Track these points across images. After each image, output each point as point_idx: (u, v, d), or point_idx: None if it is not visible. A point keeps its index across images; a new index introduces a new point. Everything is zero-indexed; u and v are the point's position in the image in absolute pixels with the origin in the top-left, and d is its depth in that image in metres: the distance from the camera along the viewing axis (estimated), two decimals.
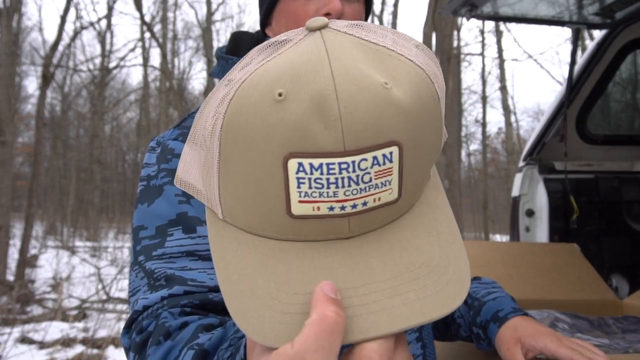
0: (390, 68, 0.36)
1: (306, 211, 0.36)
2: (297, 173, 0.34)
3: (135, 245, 0.71)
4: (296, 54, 0.37)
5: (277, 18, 0.86)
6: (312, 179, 0.34)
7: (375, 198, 0.36)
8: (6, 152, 7.36)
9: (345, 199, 0.35)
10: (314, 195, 0.35)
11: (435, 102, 0.39)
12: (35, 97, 16.76)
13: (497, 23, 14.51)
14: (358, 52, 0.36)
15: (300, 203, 0.35)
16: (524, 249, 1.76)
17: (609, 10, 2.03)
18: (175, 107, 13.84)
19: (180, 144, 0.76)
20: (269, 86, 0.35)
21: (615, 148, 2.42)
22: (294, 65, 0.36)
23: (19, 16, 9.67)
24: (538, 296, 1.52)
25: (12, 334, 5.01)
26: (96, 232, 19.64)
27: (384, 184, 0.36)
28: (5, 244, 7.62)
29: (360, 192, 0.35)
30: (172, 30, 18.29)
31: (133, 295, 0.68)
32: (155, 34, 13.53)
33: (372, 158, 0.34)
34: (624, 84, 2.56)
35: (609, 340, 1.17)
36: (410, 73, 0.37)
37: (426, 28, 8.17)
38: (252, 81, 0.36)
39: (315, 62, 0.35)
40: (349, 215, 0.36)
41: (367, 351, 0.33)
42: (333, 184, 0.34)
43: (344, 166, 0.34)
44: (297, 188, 0.35)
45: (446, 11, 1.96)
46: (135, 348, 0.62)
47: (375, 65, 0.36)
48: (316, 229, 0.37)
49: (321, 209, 0.35)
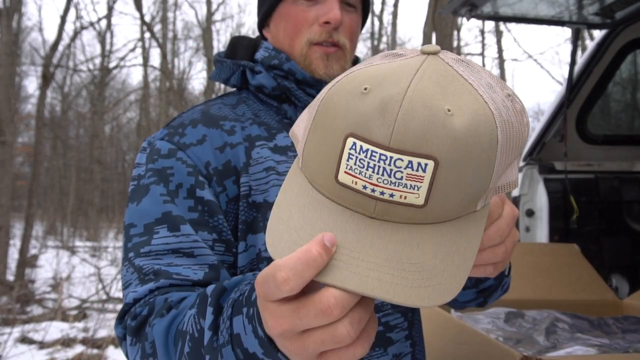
0: (462, 100, 0.44)
1: (347, 181, 0.44)
2: (350, 149, 0.43)
3: (126, 242, 0.74)
4: (398, 66, 0.46)
5: (276, 21, 0.88)
6: (358, 158, 0.43)
7: (402, 195, 0.43)
8: (6, 152, 7.36)
9: (376, 184, 0.43)
10: (355, 172, 0.43)
11: (491, 144, 0.44)
12: (35, 97, 16.76)
13: (497, 23, 14.52)
14: (445, 80, 0.45)
15: (345, 173, 0.44)
16: (524, 249, 1.76)
17: (609, 10, 2.03)
18: (175, 107, 13.84)
19: (166, 143, 0.78)
20: (363, 81, 0.45)
21: (615, 148, 2.42)
22: (388, 72, 0.45)
23: (19, 16, 9.67)
24: (538, 296, 1.52)
25: (12, 334, 5.01)
26: (96, 232, 19.64)
27: (413, 187, 0.43)
28: (5, 244, 7.62)
29: (390, 184, 0.43)
30: (172, 30, 18.30)
31: (125, 289, 0.71)
32: (155, 34, 13.54)
33: (407, 161, 0.42)
34: (624, 84, 2.56)
35: (609, 340, 1.17)
36: (478, 111, 0.44)
37: (426, 28, 8.16)
38: (357, 74, 0.47)
39: (403, 75, 0.44)
40: (376, 199, 0.44)
41: (329, 293, 0.41)
42: (370, 168, 0.43)
43: (383, 157, 0.42)
44: (346, 160, 0.44)
45: (446, 11, 1.96)
46: (132, 331, 0.65)
47: (451, 94, 0.44)
48: (350, 199, 0.45)
49: (357, 185, 0.44)
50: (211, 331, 0.54)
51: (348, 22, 0.85)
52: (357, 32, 0.89)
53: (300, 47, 0.85)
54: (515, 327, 1.29)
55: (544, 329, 1.24)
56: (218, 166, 0.77)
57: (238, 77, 0.88)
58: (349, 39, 0.86)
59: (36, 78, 19.26)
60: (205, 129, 0.80)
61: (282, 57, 0.85)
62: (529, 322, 1.31)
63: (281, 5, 0.86)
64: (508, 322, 1.32)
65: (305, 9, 0.83)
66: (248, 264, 0.76)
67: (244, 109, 0.86)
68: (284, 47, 0.87)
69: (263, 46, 0.88)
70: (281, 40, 0.87)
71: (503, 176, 0.49)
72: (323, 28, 0.83)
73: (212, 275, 0.70)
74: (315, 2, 0.84)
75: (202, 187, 0.75)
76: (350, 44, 0.87)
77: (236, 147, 0.79)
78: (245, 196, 0.77)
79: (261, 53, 0.87)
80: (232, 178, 0.77)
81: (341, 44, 0.85)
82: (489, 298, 0.84)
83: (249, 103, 0.87)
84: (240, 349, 0.50)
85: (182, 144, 0.78)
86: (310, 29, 0.84)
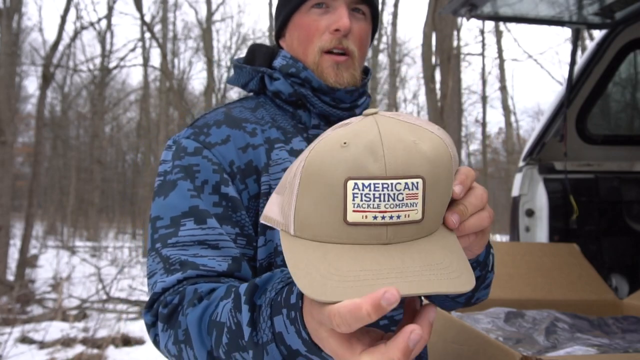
0: (418, 134, 0.54)
1: (357, 219, 0.50)
2: (353, 190, 0.50)
3: (153, 233, 0.79)
4: (358, 126, 0.54)
5: (290, 31, 0.93)
6: (363, 194, 0.49)
7: (405, 214, 0.50)
8: (6, 152, 7.36)
9: (385, 211, 0.50)
10: (363, 206, 0.50)
11: (448, 159, 0.54)
12: (35, 97, 16.77)
13: (497, 23, 14.51)
14: (397, 124, 0.54)
15: (353, 212, 0.50)
16: (524, 249, 1.76)
17: (609, 10, 2.03)
18: (175, 107, 13.84)
19: (192, 142, 0.84)
20: (337, 140, 0.53)
21: (615, 148, 2.42)
22: (354, 129, 0.54)
23: (19, 16, 9.67)
24: (538, 296, 1.53)
25: (12, 334, 5.01)
26: (96, 232, 19.65)
27: (412, 204, 0.50)
28: (5, 244, 7.62)
29: (395, 207, 0.50)
30: (172, 30, 18.29)
31: (150, 278, 0.76)
32: (155, 34, 13.52)
33: (404, 183, 0.50)
34: (624, 84, 2.56)
35: (609, 340, 1.17)
36: (432, 139, 0.54)
37: (426, 28, 8.16)
38: (326, 139, 0.54)
39: (369, 126, 0.53)
40: (387, 225, 0.50)
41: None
42: (377, 198, 0.49)
43: (385, 186, 0.49)
44: (352, 200, 0.50)
45: (446, 11, 1.96)
46: (164, 318, 0.69)
47: (409, 131, 0.53)
48: (363, 235, 0.51)
49: (368, 217, 0.50)
50: (250, 327, 0.59)
51: (357, 30, 0.90)
52: (366, 40, 0.93)
53: (313, 56, 0.89)
54: (515, 327, 1.29)
55: (544, 328, 1.24)
56: (241, 165, 0.82)
57: (256, 82, 0.94)
58: (357, 47, 0.90)
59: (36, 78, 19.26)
60: (229, 130, 0.85)
61: (299, 66, 0.90)
62: (529, 322, 1.31)
63: (295, 16, 0.91)
64: (508, 322, 1.32)
65: (317, 18, 0.89)
66: (266, 257, 0.81)
67: (262, 112, 0.91)
68: (299, 55, 0.92)
69: (281, 55, 0.93)
70: (295, 48, 0.92)
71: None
72: (333, 36, 0.88)
73: (234, 267, 0.75)
74: (326, 12, 0.89)
75: (226, 184, 0.80)
76: (359, 52, 0.91)
77: (258, 148, 0.84)
78: (265, 194, 0.82)
79: (279, 61, 0.92)
80: (253, 177, 0.83)
81: (350, 50, 0.89)
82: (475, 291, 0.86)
83: (266, 107, 0.93)
84: (284, 346, 0.57)
85: (207, 142, 0.83)
86: (322, 37, 0.89)
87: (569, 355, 1.02)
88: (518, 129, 20.20)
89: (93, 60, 19.15)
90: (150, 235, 0.79)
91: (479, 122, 18.91)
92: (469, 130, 20.62)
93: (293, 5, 0.91)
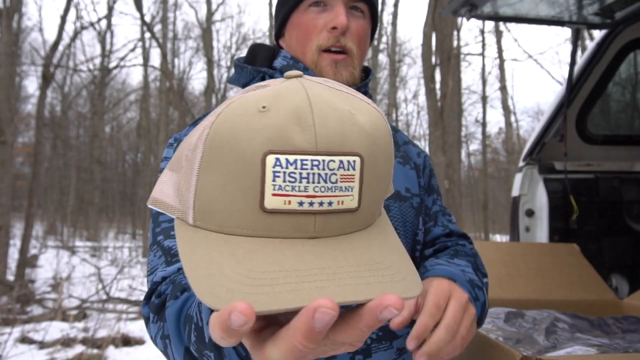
0: (354, 104, 0.44)
1: (278, 205, 0.39)
2: (273, 167, 0.39)
3: (155, 228, 0.78)
4: (279, 87, 0.43)
5: (289, 30, 0.93)
6: (286, 173, 0.39)
7: (339, 200, 0.41)
8: (6, 152, 7.36)
9: (314, 195, 0.39)
10: (287, 189, 0.39)
11: (388, 136, 0.45)
12: (35, 97, 16.76)
13: (497, 23, 14.51)
14: (328, 90, 0.44)
15: (273, 196, 0.39)
16: (524, 249, 1.76)
17: (609, 10, 2.03)
18: (175, 107, 13.83)
19: None
20: (254, 102, 0.41)
21: (615, 148, 2.42)
22: (275, 90, 0.43)
23: (19, 16, 9.67)
24: (538, 296, 1.52)
25: (12, 334, 5.01)
26: (96, 232, 19.64)
27: (347, 188, 0.41)
28: (5, 244, 7.62)
29: (327, 190, 0.40)
30: (172, 30, 18.28)
31: (151, 274, 0.74)
32: (155, 34, 13.52)
33: (339, 161, 0.40)
34: (624, 84, 2.56)
35: (609, 340, 1.17)
36: (369, 110, 0.44)
37: (426, 28, 8.16)
38: (239, 101, 0.42)
39: (294, 88, 0.43)
40: (315, 213, 0.40)
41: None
42: (305, 179, 0.39)
43: (316, 163, 0.39)
44: (272, 181, 0.39)
45: (446, 11, 1.96)
46: (155, 309, 0.67)
47: (342, 100, 0.43)
48: (285, 225, 0.40)
49: (292, 203, 0.39)
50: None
51: (355, 28, 0.89)
52: (365, 38, 0.92)
53: (311, 54, 0.89)
54: (515, 327, 1.29)
55: (544, 329, 1.24)
56: None
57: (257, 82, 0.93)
58: (356, 44, 0.89)
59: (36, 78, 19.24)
60: None
61: (300, 67, 0.89)
62: (529, 322, 1.31)
63: (293, 15, 0.91)
64: (508, 322, 1.32)
65: (315, 16, 0.88)
66: None
67: None
68: (297, 54, 0.91)
69: (281, 55, 0.92)
70: (294, 47, 0.92)
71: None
72: (330, 34, 0.87)
73: None
74: (324, 10, 0.88)
75: None
76: (358, 50, 0.90)
77: None
78: None
79: (280, 61, 0.92)
80: None
81: (348, 48, 0.88)
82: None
83: None
84: (241, 347, 0.52)
85: None
86: (319, 36, 0.88)
87: (569, 355, 1.02)
88: (518, 129, 20.20)
89: (93, 60, 19.16)
90: (151, 230, 0.79)
91: (479, 122, 18.90)
92: (469, 130, 20.62)
93: (291, 4, 0.90)
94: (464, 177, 19.50)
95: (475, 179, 21.48)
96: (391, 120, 16.82)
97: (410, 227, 0.93)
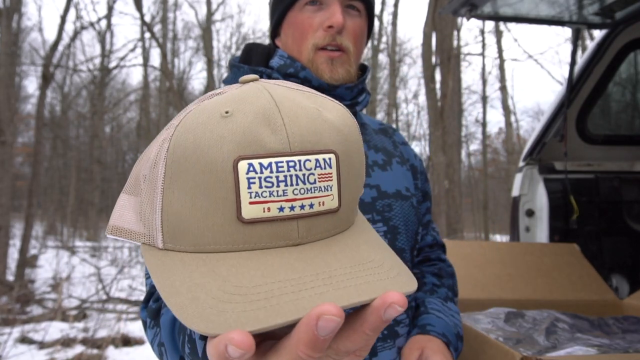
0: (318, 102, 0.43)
1: (257, 214, 0.37)
2: (247, 173, 0.36)
3: None
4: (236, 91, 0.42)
5: (285, 29, 0.92)
6: (262, 178, 0.37)
7: (320, 202, 0.39)
8: (6, 152, 7.36)
9: (294, 198, 0.37)
10: (264, 195, 0.37)
11: (357, 132, 0.44)
12: (35, 97, 16.76)
13: (497, 23, 14.51)
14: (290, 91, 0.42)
15: (250, 205, 0.37)
16: (524, 249, 1.76)
17: (609, 10, 2.02)
18: (175, 107, 13.84)
19: None
20: (214, 108, 0.39)
21: (615, 148, 2.42)
22: (234, 95, 0.41)
23: (19, 16, 9.66)
24: (538, 296, 1.52)
25: (12, 334, 5.01)
26: (96, 232, 19.64)
27: (327, 188, 0.39)
28: (5, 244, 7.62)
29: (307, 192, 0.38)
30: (172, 30, 18.29)
31: (149, 277, 0.73)
32: (155, 34, 13.52)
33: (314, 160, 0.38)
34: (624, 84, 2.56)
35: (609, 340, 1.17)
36: (335, 107, 0.44)
37: (426, 28, 8.16)
38: (197, 109, 0.40)
39: (255, 90, 0.41)
40: (298, 218, 0.38)
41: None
42: (282, 182, 0.37)
43: (292, 164, 0.37)
44: (247, 189, 0.36)
45: (446, 11, 1.96)
46: (151, 313, 0.67)
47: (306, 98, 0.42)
48: (266, 235, 0.38)
49: (271, 210, 0.37)
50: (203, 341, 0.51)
51: (351, 26, 0.89)
52: (361, 36, 0.92)
53: (307, 53, 0.88)
54: (515, 327, 1.29)
55: (544, 329, 1.24)
56: None
57: None
58: (352, 43, 0.89)
59: (36, 78, 19.23)
60: None
61: (297, 66, 0.88)
62: (529, 322, 1.31)
63: (289, 14, 0.90)
64: (508, 322, 1.32)
65: (311, 15, 0.88)
66: None
67: None
68: (294, 53, 0.91)
69: (278, 54, 0.92)
70: (290, 46, 0.91)
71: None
72: (327, 32, 0.87)
73: None
74: (320, 9, 0.88)
75: None
76: (355, 48, 0.90)
77: None
78: None
79: (276, 61, 0.91)
80: None
81: (345, 47, 0.88)
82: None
83: None
84: None
85: None
86: (315, 34, 0.88)
87: (569, 356, 1.02)
88: (518, 129, 20.20)
89: (93, 60, 19.14)
90: None
91: (479, 122, 18.90)
92: (469, 130, 20.62)
93: (287, 3, 0.90)
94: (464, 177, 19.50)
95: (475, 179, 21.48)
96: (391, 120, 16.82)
97: (412, 226, 0.93)
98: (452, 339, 0.90)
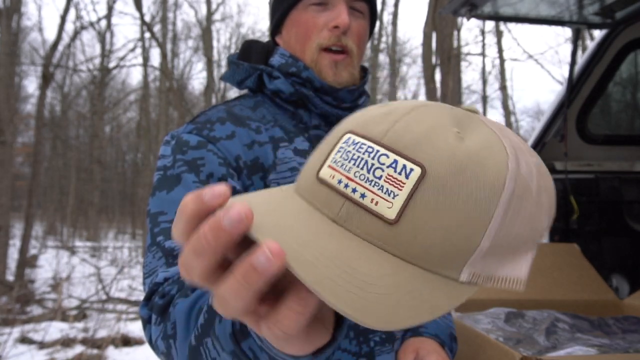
0: (475, 132, 0.41)
1: (326, 176, 0.41)
2: (343, 143, 0.41)
3: (153, 228, 0.75)
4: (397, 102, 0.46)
5: (287, 27, 0.91)
6: (346, 150, 0.40)
7: (373, 199, 0.37)
8: (6, 152, 7.36)
9: (352, 179, 0.39)
10: (337, 164, 0.40)
11: (494, 185, 0.37)
12: (35, 97, 16.73)
13: (497, 23, 14.52)
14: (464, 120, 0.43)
15: (327, 168, 0.41)
16: None
17: (609, 10, 2.02)
18: (175, 107, 13.83)
19: (194, 136, 0.81)
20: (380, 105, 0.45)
21: (615, 148, 2.42)
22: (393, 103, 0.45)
23: (18, 16, 9.66)
24: (538, 296, 1.52)
25: (12, 334, 5.01)
26: (96, 232, 19.65)
27: (389, 192, 0.37)
28: (5, 244, 7.62)
29: (366, 181, 0.38)
30: (172, 30, 18.29)
31: (149, 277, 0.71)
32: (155, 34, 13.52)
33: (393, 159, 0.38)
34: (624, 83, 2.56)
35: (609, 340, 1.17)
36: (491, 142, 0.40)
37: (426, 28, 8.17)
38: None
39: (413, 102, 0.43)
40: (346, 198, 0.38)
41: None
42: (353, 160, 0.39)
43: (370, 150, 0.39)
44: (334, 154, 0.41)
45: (446, 11, 1.96)
46: (158, 310, 0.65)
47: (466, 126, 0.41)
48: (321, 196, 0.40)
49: (334, 179, 0.40)
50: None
51: (356, 28, 0.89)
52: (364, 38, 0.92)
53: (311, 53, 0.88)
54: (515, 327, 1.29)
55: (544, 329, 1.23)
56: (247, 161, 0.80)
57: (254, 80, 0.91)
58: (356, 44, 0.89)
59: (36, 78, 19.22)
60: (233, 127, 0.83)
61: (300, 66, 0.88)
62: (529, 322, 1.31)
63: (293, 13, 0.90)
64: (508, 322, 1.32)
65: (315, 14, 0.87)
66: None
67: (263, 111, 0.89)
68: (296, 52, 0.90)
69: (279, 52, 0.91)
70: (293, 45, 0.90)
71: (509, 265, 0.43)
72: (332, 33, 0.87)
73: None
74: (325, 9, 0.88)
75: (232, 178, 0.78)
76: (358, 50, 0.90)
77: (264, 145, 0.83)
78: None
79: (277, 59, 0.90)
80: (259, 174, 0.81)
81: (349, 48, 0.88)
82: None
83: (266, 106, 0.90)
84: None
85: (212, 137, 0.81)
86: (320, 34, 0.87)
87: (569, 356, 1.02)
88: (518, 129, 20.20)
89: (93, 60, 19.14)
90: (149, 231, 0.75)
91: None
92: None
93: (290, 1, 0.89)
94: None
95: None
96: None
97: None
98: (445, 340, 0.90)
